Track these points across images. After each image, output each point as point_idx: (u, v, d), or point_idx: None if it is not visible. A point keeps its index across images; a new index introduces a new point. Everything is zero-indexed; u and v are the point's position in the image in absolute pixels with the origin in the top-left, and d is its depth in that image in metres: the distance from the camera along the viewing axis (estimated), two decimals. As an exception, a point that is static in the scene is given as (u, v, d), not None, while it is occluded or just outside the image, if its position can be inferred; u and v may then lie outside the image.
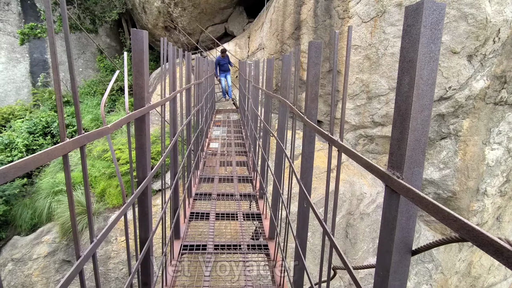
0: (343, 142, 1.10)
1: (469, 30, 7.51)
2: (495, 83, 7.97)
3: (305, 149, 1.63)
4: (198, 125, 5.04)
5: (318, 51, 1.52)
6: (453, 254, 9.47)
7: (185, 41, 14.45)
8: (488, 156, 8.56)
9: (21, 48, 14.87)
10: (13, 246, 8.05)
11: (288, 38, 10.04)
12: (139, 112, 1.40)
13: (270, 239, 3.16)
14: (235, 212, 3.72)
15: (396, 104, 0.83)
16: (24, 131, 11.28)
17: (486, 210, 9.21)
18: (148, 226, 1.68)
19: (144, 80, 1.45)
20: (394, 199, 0.84)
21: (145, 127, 1.51)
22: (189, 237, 3.27)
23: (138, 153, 1.55)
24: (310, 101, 1.56)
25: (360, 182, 8.40)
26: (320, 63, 1.54)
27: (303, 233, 1.78)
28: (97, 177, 8.94)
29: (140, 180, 1.59)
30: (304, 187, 1.69)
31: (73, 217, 0.84)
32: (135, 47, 1.44)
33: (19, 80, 15.06)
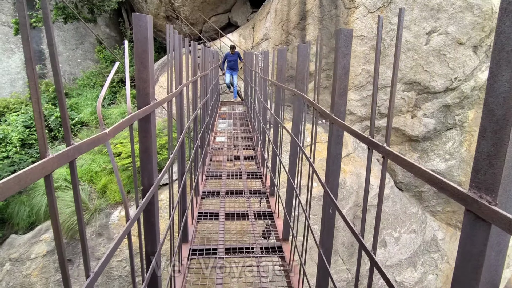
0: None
1: (474, 21, 7.47)
2: None
3: (332, 150, 1.43)
4: (204, 119, 4.84)
5: (348, 40, 1.31)
6: (457, 243, 9.36)
7: (188, 32, 14.16)
8: None
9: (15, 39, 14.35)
10: (10, 245, 7.78)
11: (293, 28, 9.78)
12: (143, 112, 1.19)
13: (284, 240, 2.98)
14: (245, 211, 3.54)
15: (487, 107, 0.62)
16: (19, 125, 10.88)
17: None
18: (156, 239, 1.49)
19: (149, 74, 1.24)
20: (482, 229, 0.63)
21: (151, 127, 1.31)
22: (198, 240, 3.10)
23: (142, 157, 1.35)
24: (339, 97, 1.35)
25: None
26: (350, 53, 1.33)
27: (327, 241, 1.59)
28: (98, 173, 8.77)
29: (145, 188, 1.40)
30: (330, 191, 1.49)
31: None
32: (138, 35, 1.23)
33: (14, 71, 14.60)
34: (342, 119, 1.36)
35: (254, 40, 12.19)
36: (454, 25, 7.54)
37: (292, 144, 2.53)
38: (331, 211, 1.49)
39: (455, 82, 7.86)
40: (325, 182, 1.52)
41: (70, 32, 15.71)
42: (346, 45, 1.32)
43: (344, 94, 1.36)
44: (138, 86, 1.28)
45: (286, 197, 2.86)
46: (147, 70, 1.24)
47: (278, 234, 3.13)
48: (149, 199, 1.38)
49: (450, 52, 7.68)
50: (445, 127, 8.37)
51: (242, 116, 9.19)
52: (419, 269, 8.62)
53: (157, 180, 1.43)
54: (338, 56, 1.32)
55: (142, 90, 1.27)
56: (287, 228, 2.86)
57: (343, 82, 1.35)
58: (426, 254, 8.76)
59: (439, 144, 8.51)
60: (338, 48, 1.32)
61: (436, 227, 8.95)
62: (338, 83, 1.34)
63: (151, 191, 1.38)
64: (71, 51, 16.02)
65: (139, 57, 1.24)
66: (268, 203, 3.84)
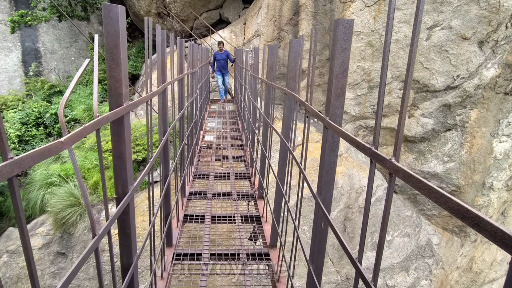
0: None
1: (481, 14, 7.09)
2: (506, 71, 7.57)
3: (326, 159, 1.32)
4: (192, 117, 4.70)
5: (348, 32, 1.19)
6: (454, 249, 9.31)
7: (179, 28, 13.94)
8: (496, 148, 8.24)
9: (12, 37, 14.41)
10: (8, 238, 8.12)
11: (286, 24, 9.61)
12: (114, 114, 1.07)
13: (272, 247, 2.87)
14: (232, 214, 3.43)
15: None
16: (16, 121, 11.15)
17: (492, 205, 8.96)
18: (131, 250, 1.37)
19: (121, 71, 1.12)
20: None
21: (124, 131, 1.18)
22: (183, 244, 2.97)
23: (116, 163, 1.22)
24: (335, 98, 1.23)
25: (360, 175, 8.15)
26: (349, 48, 1.21)
27: (319, 257, 1.48)
28: (90, 169, 8.65)
29: (119, 196, 1.27)
30: (322, 203, 1.38)
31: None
32: (109, 28, 1.09)
33: (11, 69, 14.61)
34: (339, 123, 1.24)
35: (246, 37, 12.02)
36: (459, 19, 7.17)
37: (282, 147, 2.42)
38: (323, 225, 1.38)
39: (457, 80, 7.51)
40: (317, 193, 1.41)
41: (64, 30, 15.61)
42: (345, 38, 1.20)
43: (341, 95, 1.24)
44: (110, 85, 1.15)
45: (275, 202, 2.75)
46: (119, 67, 1.11)
47: (265, 240, 3.02)
48: (124, 208, 1.26)
49: (453, 48, 7.32)
50: (444, 128, 8.04)
51: (232, 115, 9.05)
52: (412, 274, 8.51)
53: (132, 188, 1.30)
54: (336, 51, 1.20)
55: (114, 90, 1.14)
56: (275, 235, 2.75)
57: (340, 81, 1.23)
58: (420, 259, 8.63)
59: (437, 145, 8.21)
60: (336, 42, 1.20)
61: (431, 231, 8.82)
62: (335, 82, 1.22)
63: (125, 199, 1.26)
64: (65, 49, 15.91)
65: (110, 53, 1.11)
66: (256, 206, 3.72)
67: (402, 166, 0.77)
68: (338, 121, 1.28)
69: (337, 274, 7.72)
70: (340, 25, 1.23)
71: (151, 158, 1.63)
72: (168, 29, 14.14)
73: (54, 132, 11.73)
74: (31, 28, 14.42)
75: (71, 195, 7.58)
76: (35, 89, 13.80)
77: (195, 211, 3.58)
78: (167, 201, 2.47)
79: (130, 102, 1.22)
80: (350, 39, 1.24)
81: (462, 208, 0.57)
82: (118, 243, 1.35)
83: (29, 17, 13.17)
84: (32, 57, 14.80)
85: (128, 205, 1.29)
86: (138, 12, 14.04)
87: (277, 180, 2.59)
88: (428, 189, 0.66)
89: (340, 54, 1.23)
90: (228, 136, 6.75)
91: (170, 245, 2.73)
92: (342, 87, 1.25)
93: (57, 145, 0.71)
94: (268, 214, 3.38)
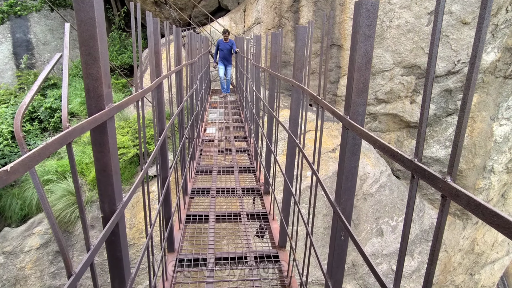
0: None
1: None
2: (506, 55, 7.61)
3: (346, 164, 1.12)
4: (193, 109, 4.49)
5: (373, 16, 0.98)
6: (457, 232, 9.37)
7: (177, 17, 13.59)
8: (496, 132, 8.35)
9: (2, 28, 13.89)
10: (3, 238, 7.88)
11: (286, 11, 9.34)
12: (92, 122, 0.86)
13: (281, 248, 2.70)
14: (237, 212, 3.25)
15: None
16: (9, 116, 10.77)
17: (492, 187, 9.11)
18: (124, 276, 1.18)
19: (101, 68, 0.91)
20: None
21: (108, 139, 0.98)
22: (186, 248, 2.80)
23: (100, 178, 1.02)
24: (357, 94, 1.03)
25: (363, 162, 8.02)
26: (373, 35, 1.01)
27: (338, 272, 1.30)
28: (88, 164, 8.48)
29: (106, 215, 1.08)
30: (342, 213, 1.19)
31: None
32: (82, 15, 0.87)
33: (2, 62, 14.14)
34: (361, 123, 1.04)
35: (246, 25, 11.71)
36: (459, 4, 7.16)
37: (290, 143, 2.22)
38: (343, 237, 1.20)
39: (458, 65, 7.52)
40: (336, 201, 1.21)
41: (57, 20, 15.12)
42: (369, 24, 0.99)
43: (364, 91, 1.04)
44: (87, 85, 0.94)
45: (283, 201, 2.56)
46: (97, 63, 0.91)
47: (273, 239, 2.85)
48: (112, 228, 1.06)
49: (454, 33, 7.32)
50: (446, 113, 8.08)
51: (234, 105, 8.83)
52: (417, 258, 8.52)
53: (121, 205, 1.11)
54: (358, 39, 0.99)
55: (93, 90, 0.93)
56: (284, 235, 2.57)
57: (363, 74, 1.02)
58: (424, 242, 8.65)
59: (439, 130, 8.25)
60: (358, 28, 0.99)
61: (434, 215, 8.83)
62: (356, 76, 1.02)
63: (113, 219, 1.06)
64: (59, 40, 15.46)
65: (85, 45, 0.90)
66: (262, 202, 3.55)
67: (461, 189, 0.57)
68: (360, 121, 1.08)
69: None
70: (363, 8, 1.02)
71: (145, 165, 1.43)
72: (166, 18, 13.79)
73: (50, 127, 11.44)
74: (21, 19, 13.86)
75: (69, 192, 7.42)
76: (27, 82, 13.34)
77: (198, 210, 3.41)
78: (167, 205, 2.28)
79: (115, 104, 1.02)
80: (375, 24, 1.03)
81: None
82: (108, 267, 1.17)
83: (18, 7, 12.65)
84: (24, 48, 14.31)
85: (118, 225, 1.10)
86: (134, 0, 13.68)
87: (285, 178, 2.40)
88: (497, 218, 0.47)
89: (362, 43, 1.02)
90: (230, 127, 6.55)
91: (172, 250, 2.56)
92: (365, 81, 1.05)
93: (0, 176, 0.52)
94: (275, 211, 3.20)
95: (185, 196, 3.46)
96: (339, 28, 8.37)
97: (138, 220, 7.11)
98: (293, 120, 2.15)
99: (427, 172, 0.65)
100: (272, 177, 3.10)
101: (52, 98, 11.80)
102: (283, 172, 2.45)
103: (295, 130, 2.19)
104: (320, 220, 7.07)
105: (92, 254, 0.88)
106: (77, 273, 0.78)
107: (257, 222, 3.25)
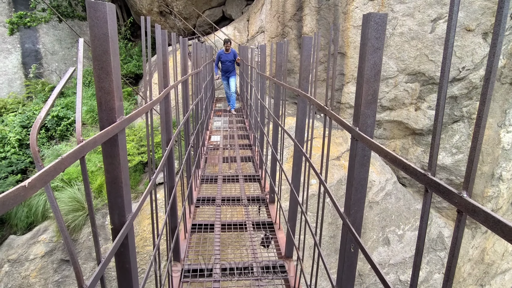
0: None
1: (484, 6, 7.11)
2: (511, 62, 7.57)
3: (356, 175, 1.12)
4: (198, 118, 4.51)
5: (381, 28, 0.99)
6: (466, 241, 9.26)
7: (182, 27, 13.74)
8: (504, 139, 8.29)
9: (12, 38, 14.21)
10: (9, 246, 7.86)
11: (289, 20, 9.42)
12: (104, 135, 0.87)
13: (287, 258, 2.68)
14: (243, 222, 3.24)
15: None
16: (17, 125, 10.90)
17: (501, 195, 9.00)
18: (132, 286, 1.18)
19: (113, 82, 0.93)
20: None
21: (119, 152, 0.99)
22: (191, 257, 2.79)
23: (110, 190, 1.03)
24: (366, 105, 1.04)
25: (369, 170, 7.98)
26: (382, 47, 1.02)
27: (348, 284, 1.29)
28: (94, 172, 8.50)
29: (116, 227, 1.08)
30: (352, 225, 1.19)
31: None
32: (95, 31, 0.90)
33: (11, 72, 14.42)
34: (371, 135, 1.04)
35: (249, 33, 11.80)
36: (462, 11, 7.19)
37: (296, 153, 2.22)
38: (353, 249, 1.19)
39: (463, 72, 7.51)
40: (345, 213, 1.21)
41: (65, 31, 15.42)
42: (377, 36, 1.00)
43: (373, 102, 1.04)
44: (99, 98, 0.96)
45: (289, 210, 2.55)
46: (110, 77, 0.92)
47: (279, 249, 2.84)
48: (122, 241, 1.07)
49: (458, 40, 7.33)
50: (451, 120, 8.06)
51: (238, 113, 8.86)
52: (425, 268, 8.41)
53: (130, 217, 1.11)
54: (367, 51, 1.00)
55: (105, 104, 0.95)
56: (290, 245, 2.56)
57: (372, 86, 1.03)
58: (432, 252, 8.54)
59: (445, 137, 8.22)
60: (367, 41, 1.00)
61: (442, 224, 8.72)
62: (365, 88, 1.03)
63: (123, 231, 1.07)
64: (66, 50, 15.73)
65: (98, 60, 0.92)
66: (268, 211, 3.54)
67: (479, 204, 0.57)
68: (369, 132, 1.08)
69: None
70: (372, 20, 1.02)
71: (154, 175, 1.44)
72: (170, 28, 13.94)
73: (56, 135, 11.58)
74: (30, 30, 14.23)
75: (75, 199, 7.43)
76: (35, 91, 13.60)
77: (204, 219, 3.41)
78: (173, 214, 2.29)
79: (126, 117, 1.03)
80: (383, 37, 1.04)
81: None
82: (117, 279, 1.17)
83: (28, 18, 13.00)
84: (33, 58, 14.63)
85: (127, 237, 1.10)
86: (140, 11, 13.86)
87: (291, 187, 2.40)
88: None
89: (371, 55, 1.03)
90: (235, 135, 6.57)
91: (177, 260, 2.55)
92: (374, 92, 1.06)
93: (18, 192, 0.52)
94: (281, 220, 3.19)
95: (190, 205, 3.46)
96: (342, 36, 8.42)
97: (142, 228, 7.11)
98: (299, 129, 2.15)
99: (442, 186, 0.65)
100: (278, 186, 3.10)
101: (59, 107, 11.91)
102: (289, 181, 2.45)
103: (301, 140, 2.19)
104: (325, 228, 7.02)
105: (102, 268, 0.89)
106: (88, 286, 0.78)
107: (262, 231, 3.24)
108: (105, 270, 5.47)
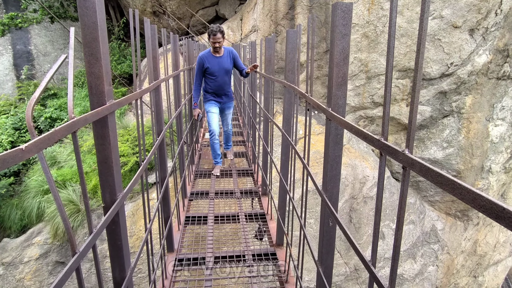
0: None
1: (470, 3, 7.26)
2: (497, 57, 7.79)
3: (330, 152, 1.21)
4: (191, 115, 4.58)
5: (347, 16, 1.07)
6: (458, 233, 9.40)
7: (175, 26, 13.79)
8: (492, 132, 8.47)
9: (2, 40, 14.09)
10: (2, 249, 7.80)
11: (282, 18, 9.52)
12: (94, 115, 0.95)
13: (278, 246, 2.77)
14: (236, 213, 3.32)
15: None
16: (9, 127, 10.89)
17: (491, 187, 9.18)
18: (124, 264, 1.26)
19: (102, 67, 1.00)
20: None
21: (109, 133, 1.07)
22: (185, 247, 2.87)
23: (101, 169, 1.11)
24: (337, 87, 1.12)
25: (362, 165, 8.08)
26: (349, 34, 1.10)
27: (328, 258, 1.37)
28: (89, 173, 8.52)
29: (107, 205, 1.16)
30: (328, 200, 1.27)
31: None
32: (85, 19, 0.97)
33: (3, 73, 14.30)
34: (342, 114, 1.13)
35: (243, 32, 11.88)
36: (449, 8, 7.32)
37: (284, 141, 2.30)
38: (331, 223, 1.27)
39: (451, 68, 7.66)
40: (323, 189, 1.29)
41: (57, 32, 15.32)
42: (344, 23, 1.08)
43: (343, 84, 1.13)
44: (90, 83, 1.03)
45: (279, 199, 2.64)
46: (99, 62, 1.00)
47: (271, 238, 2.92)
48: (112, 217, 1.14)
49: (446, 36, 7.48)
50: (441, 115, 8.20)
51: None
52: (419, 261, 8.53)
53: (121, 195, 1.19)
54: (335, 38, 1.09)
55: (95, 88, 1.03)
56: (281, 233, 2.64)
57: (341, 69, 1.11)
58: (426, 245, 8.66)
59: (436, 132, 8.35)
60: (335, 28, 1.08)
61: (435, 217, 8.85)
62: (335, 71, 1.11)
63: (113, 208, 1.14)
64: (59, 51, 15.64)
65: (88, 47, 1.00)
66: (261, 203, 3.62)
67: (417, 158, 0.65)
68: (341, 112, 1.17)
69: (346, 266, 7.65)
70: (338, 9, 1.11)
71: (144, 161, 1.51)
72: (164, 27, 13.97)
73: (50, 137, 11.58)
74: (22, 31, 14.07)
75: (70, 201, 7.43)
76: (28, 93, 13.44)
77: (198, 212, 3.48)
78: (166, 204, 2.36)
79: (115, 101, 1.11)
80: (350, 23, 1.12)
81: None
82: (109, 256, 1.25)
83: (19, 19, 12.87)
84: (24, 60, 14.48)
85: (118, 214, 1.18)
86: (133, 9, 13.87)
87: (280, 176, 2.48)
88: (451, 184, 0.55)
89: (339, 41, 1.11)
90: (229, 132, 6.64)
91: (171, 250, 2.62)
92: (344, 75, 1.14)
93: (16, 153, 0.60)
94: (273, 211, 3.27)
95: (184, 198, 3.54)
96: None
97: (138, 228, 7.14)
98: (286, 119, 2.24)
99: (391, 148, 0.74)
100: (269, 178, 3.17)
101: (52, 108, 11.89)
102: (278, 170, 2.53)
103: (288, 129, 2.27)
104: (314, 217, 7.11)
105: (94, 237, 0.96)
106: (80, 252, 0.86)
107: (255, 222, 3.32)
108: (102, 270, 5.51)
